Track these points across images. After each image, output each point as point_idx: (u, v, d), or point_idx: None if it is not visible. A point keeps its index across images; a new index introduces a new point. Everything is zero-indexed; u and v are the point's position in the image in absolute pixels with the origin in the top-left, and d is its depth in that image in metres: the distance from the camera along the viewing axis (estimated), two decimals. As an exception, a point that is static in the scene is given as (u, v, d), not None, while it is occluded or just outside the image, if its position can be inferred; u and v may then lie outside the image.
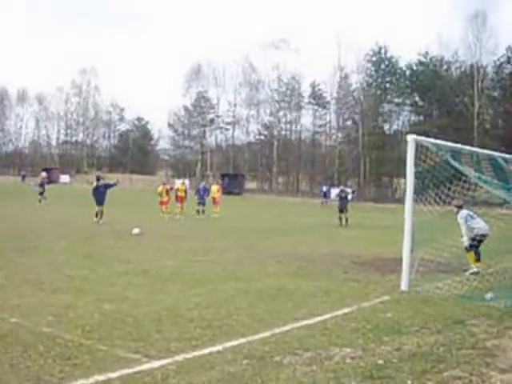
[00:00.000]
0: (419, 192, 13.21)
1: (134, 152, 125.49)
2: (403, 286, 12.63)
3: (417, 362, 7.38)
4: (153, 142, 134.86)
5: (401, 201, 69.50)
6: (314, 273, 15.01)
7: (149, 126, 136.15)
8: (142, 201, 51.73)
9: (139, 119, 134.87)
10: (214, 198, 38.30)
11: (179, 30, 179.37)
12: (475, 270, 15.31)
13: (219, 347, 7.88)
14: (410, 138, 12.90)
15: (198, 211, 34.99)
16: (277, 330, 8.86)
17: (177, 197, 34.36)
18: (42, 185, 42.68)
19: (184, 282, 12.94)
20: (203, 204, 35.72)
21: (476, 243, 15.54)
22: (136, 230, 22.70)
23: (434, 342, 8.30)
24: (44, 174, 48.19)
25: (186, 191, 35.11)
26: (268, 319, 9.58)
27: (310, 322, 9.53)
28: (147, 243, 20.32)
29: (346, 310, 10.43)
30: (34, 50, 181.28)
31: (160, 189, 33.89)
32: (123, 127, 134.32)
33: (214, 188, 39.80)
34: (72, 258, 16.02)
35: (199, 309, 10.15)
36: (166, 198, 33.40)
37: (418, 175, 12.97)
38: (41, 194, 41.66)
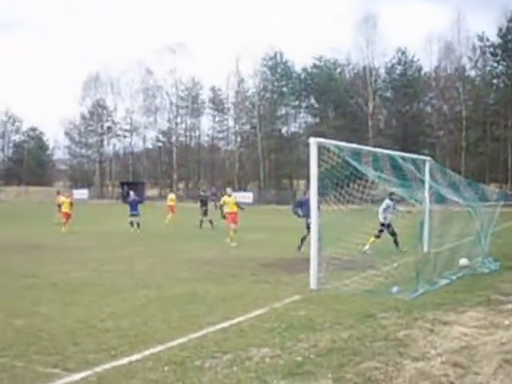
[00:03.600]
0: (323, 193, 13.54)
1: (29, 163, 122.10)
2: (312, 285, 12.93)
3: (334, 356, 7.62)
4: (49, 152, 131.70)
5: (301, 202, 71.01)
6: (223, 277, 15.14)
7: (44, 137, 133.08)
8: (41, 213, 50.53)
9: (33, 129, 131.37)
10: (170, 207, 39.06)
11: (75, 38, 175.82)
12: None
13: (138, 356, 7.89)
14: (312, 140, 13.17)
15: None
16: (193, 335, 8.93)
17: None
18: None
19: (94, 292, 12.80)
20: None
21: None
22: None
23: (348, 336, 8.58)
24: None
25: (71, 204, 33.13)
26: (183, 325, 9.63)
27: (225, 325, 9.65)
28: (52, 256, 19.95)
29: (259, 312, 10.60)
30: None
31: (65, 200, 32.64)
32: (18, 138, 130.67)
33: (170, 197, 41.27)
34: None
35: (113, 319, 10.10)
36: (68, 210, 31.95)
37: (320, 176, 13.29)
38: None
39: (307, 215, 17.44)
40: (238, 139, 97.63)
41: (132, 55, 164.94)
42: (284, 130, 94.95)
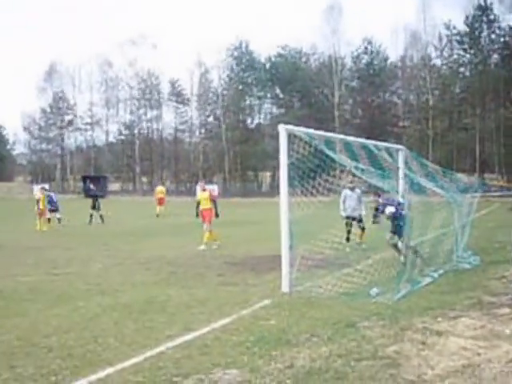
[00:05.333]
0: (292, 184, 12.36)
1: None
2: (284, 288, 11.74)
3: (315, 381, 6.44)
4: (8, 147, 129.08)
5: (267, 194, 70.16)
6: (185, 278, 13.91)
7: (3, 131, 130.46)
8: (1, 209, 48.76)
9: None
10: (159, 199, 40.39)
11: (32, 30, 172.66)
12: None
13: (83, 382, 6.67)
14: (282, 127, 12.00)
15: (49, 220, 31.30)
16: (149, 353, 7.70)
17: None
18: None
19: (43, 300, 11.49)
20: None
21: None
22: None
23: (329, 353, 7.38)
24: None
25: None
26: (138, 340, 8.40)
27: (187, 338, 8.44)
28: (3, 257, 18.55)
29: (225, 321, 9.40)
30: None
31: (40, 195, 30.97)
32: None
33: (159, 189, 42.47)
34: None
35: (59, 333, 8.82)
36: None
37: (291, 167, 12.11)
38: None
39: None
40: (202, 131, 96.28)
41: (92, 47, 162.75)
42: (249, 121, 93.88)
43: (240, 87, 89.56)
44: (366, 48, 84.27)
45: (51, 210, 31.57)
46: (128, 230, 28.29)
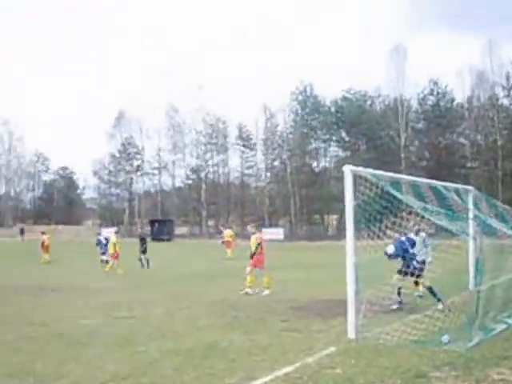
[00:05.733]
0: (359, 227, 11.95)
1: (59, 202, 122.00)
2: (350, 334, 11.24)
3: None
4: (78, 191, 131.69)
5: (333, 237, 69.27)
6: (248, 323, 13.50)
7: (74, 176, 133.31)
8: (68, 252, 49.33)
9: (64, 168, 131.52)
10: (227, 242, 41.36)
11: (101, 77, 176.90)
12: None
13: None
14: (347, 168, 11.64)
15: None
16: (209, 403, 7.37)
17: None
18: None
19: (101, 345, 11.27)
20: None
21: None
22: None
23: (398, 407, 6.92)
24: None
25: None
26: (198, 388, 8.08)
27: (248, 387, 8.07)
28: (67, 300, 18.52)
29: (288, 369, 8.96)
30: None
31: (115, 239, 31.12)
32: (48, 177, 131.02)
33: (227, 232, 43.67)
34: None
35: (116, 380, 8.56)
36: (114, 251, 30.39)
37: (357, 209, 11.71)
38: None
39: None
40: (268, 175, 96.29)
41: (159, 93, 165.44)
42: (314, 165, 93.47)
43: (305, 130, 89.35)
44: (431, 89, 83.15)
45: (102, 253, 32.74)
46: (193, 273, 28.08)
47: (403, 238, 15.39)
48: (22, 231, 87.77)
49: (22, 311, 16.04)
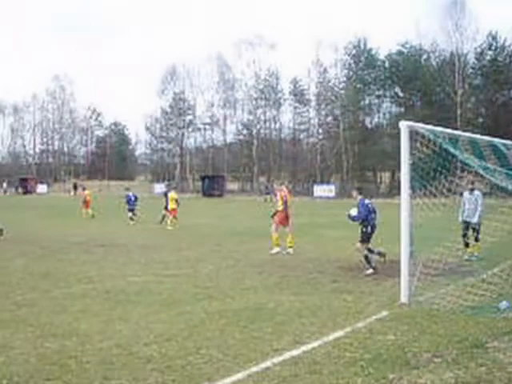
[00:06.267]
0: (414, 185, 11.43)
1: (112, 158, 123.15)
2: (403, 298, 10.81)
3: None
4: (131, 147, 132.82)
5: (385, 195, 68.39)
6: (297, 284, 13.17)
7: (126, 131, 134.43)
8: (119, 208, 49.57)
9: (116, 124, 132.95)
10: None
11: (152, 32, 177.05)
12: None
13: (179, 399, 6.09)
14: (403, 124, 11.06)
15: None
16: (254, 369, 7.06)
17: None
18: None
19: (148, 304, 11.07)
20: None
21: None
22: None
23: (455, 380, 6.48)
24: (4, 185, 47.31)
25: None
26: (243, 352, 7.77)
27: (295, 353, 7.74)
28: (115, 256, 18.40)
29: (337, 334, 8.63)
30: (9, 60, 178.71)
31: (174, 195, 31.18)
32: (101, 133, 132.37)
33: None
34: (25, 279, 14.15)
35: (160, 342, 8.31)
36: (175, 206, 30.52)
37: (412, 167, 11.18)
38: None
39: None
40: (320, 131, 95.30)
41: (210, 48, 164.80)
42: (367, 121, 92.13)
43: (358, 86, 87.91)
44: (489, 44, 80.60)
45: (129, 210, 33.53)
46: (242, 230, 27.82)
47: (366, 201, 15.31)
48: (75, 186, 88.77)
49: (70, 268, 15.96)
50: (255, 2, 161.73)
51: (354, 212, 15.17)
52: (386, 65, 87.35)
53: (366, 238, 15.07)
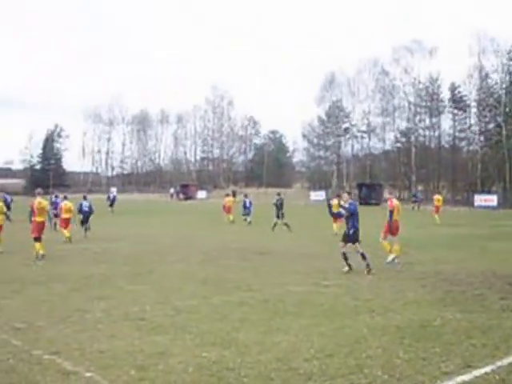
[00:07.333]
0: None
1: (269, 165, 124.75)
2: None
3: None
4: (288, 155, 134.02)
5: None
6: (463, 300, 12.43)
7: (283, 139, 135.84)
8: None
9: (274, 132, 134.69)
10: (436, 207, 40.40)
11: (310, 40, 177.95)
12: None
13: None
14: None
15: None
16: (422, 393, 6.61)
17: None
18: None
19: (309, 315, 10.81)
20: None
21: None
22: None
23: None
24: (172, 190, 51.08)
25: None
26: (410, 374, 7.33)
27: (466, 378, 7.19)
28: (273, 264, 18.35)
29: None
30: (171, 72, 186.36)
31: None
32: (258, 141, 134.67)
33: (436, 197, 42.42)
34: (185, 285, 14.38)
35: (321, 358, 8.01)
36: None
37: None
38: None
39: None
40: (481, 138, 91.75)
41: (367, 55, 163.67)
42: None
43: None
44: None
45: (245, 214, 37.23)
46: (401, 240, 26.93)
47: (356, 203, 18.42)
48: (233, 193, 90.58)
49: (229, 274, 16.05)
50: (413, 7, 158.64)
51: (346, 205, 17.32)
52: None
53: (355, 239, 16.93)
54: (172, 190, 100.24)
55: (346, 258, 16.73)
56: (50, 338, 9.18)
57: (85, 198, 29.57)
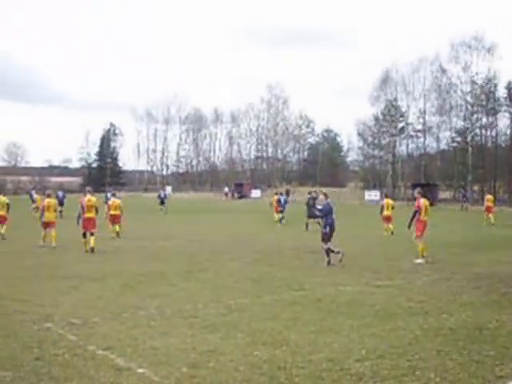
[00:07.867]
0: None
1: (323, 164, 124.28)
2: None
3: None
4: (342, 154, 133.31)
5: None
6: (518, 303, 12.24)
7: (338, 138, 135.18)
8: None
9: (328, 131, 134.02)
10: (488, 207, 39.78)
11: (364, 37, 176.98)
12: None
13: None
14: None
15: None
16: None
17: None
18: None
19: (361, 316, 10.75)
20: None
21: None
22: None
23: None
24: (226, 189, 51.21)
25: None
26: (463, 377, 7.23)
27: (522, 382, 7.08)
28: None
29: None
30: (226, 70, 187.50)
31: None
32: (312, 140, 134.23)
33: (488, 197, 42.83)
34: (238, 283, 14.45)
35: (372, 359, 7.96)
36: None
37: None
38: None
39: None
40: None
41: (424, 53, 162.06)
42: None
43: None
44: None
45: (279, 211, 37.17)
46: (455, 241, 26.63)
47: (331, 205, 18.81)
48: (287, 192, 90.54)
49: (281, 273, 16.07)
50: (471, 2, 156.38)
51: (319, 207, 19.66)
52: None
53: (326, 238, 18.14)
54: (226, 189, 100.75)
55: (328, 254, 18.02)
56: (104, 333, 9.33)
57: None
